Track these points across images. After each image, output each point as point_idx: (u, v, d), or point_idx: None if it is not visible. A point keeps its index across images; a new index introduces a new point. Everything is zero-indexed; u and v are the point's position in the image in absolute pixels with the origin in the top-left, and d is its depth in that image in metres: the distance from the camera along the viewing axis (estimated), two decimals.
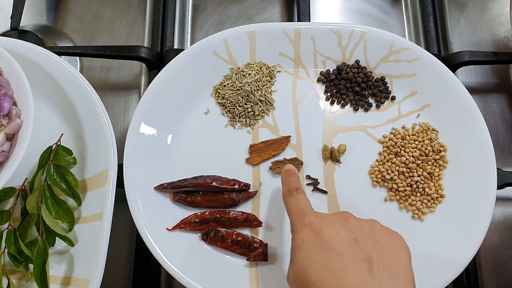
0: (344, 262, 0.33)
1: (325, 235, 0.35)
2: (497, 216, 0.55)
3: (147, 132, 0.50)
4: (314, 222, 0.36)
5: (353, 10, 0.65)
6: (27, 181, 0.49)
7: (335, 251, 0.34)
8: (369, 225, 0.37)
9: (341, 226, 0.36)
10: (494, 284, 0.52)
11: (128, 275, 0.52)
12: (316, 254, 0.34)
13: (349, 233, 0.35)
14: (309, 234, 0.36)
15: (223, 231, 0.47)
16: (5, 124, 0.46)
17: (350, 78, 0.54)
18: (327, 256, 0.33)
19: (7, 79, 0.48)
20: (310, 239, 0.35)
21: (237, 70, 0.54)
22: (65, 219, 0.47)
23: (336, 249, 0.34)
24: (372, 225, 0.37)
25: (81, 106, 0.50)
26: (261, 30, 0.53)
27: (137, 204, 0.47)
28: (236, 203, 0.49)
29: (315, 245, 0.35)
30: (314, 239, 0.35)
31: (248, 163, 0.51)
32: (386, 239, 0.36)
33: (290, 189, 0.42)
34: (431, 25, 0.62)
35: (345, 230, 0.35)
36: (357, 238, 0.35)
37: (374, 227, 0.37)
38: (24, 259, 0.45)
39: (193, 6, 0.65)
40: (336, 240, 0.34)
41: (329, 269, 0.33)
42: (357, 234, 0.35)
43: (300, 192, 0.42)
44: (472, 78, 0.61)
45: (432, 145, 0.51)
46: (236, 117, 0.53)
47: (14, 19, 0.58)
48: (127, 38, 0.62)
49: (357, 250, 0.34)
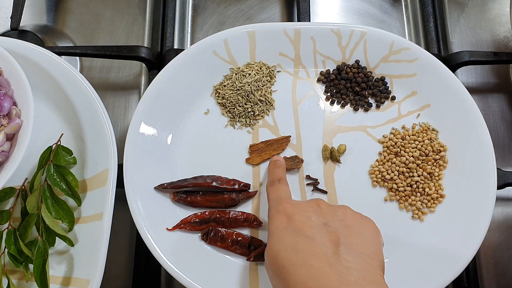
0: (312, 244, 0.35)
1: (296, 220, 0.37)
2: (497, 216, 0.55)
3: (147, 132, 0.50)
4: (287, 208, 0.39)
5: (353, 10, 0.65)
6: (27, 181, 0.49)
7: (305, 235, 0.35)
8: (341, 211, 0.38)
9: (313, 211, 0.38)
10: (494, 284, 0.52)
11: (128, 275, 0.52)
12: (287, 238, 0.36)
13: (319, 218, 0.37)
14: (282, 220, 0.38)
15: (223, 231, 0.47)
16: (5, 124, 0.46)
17: (350, 78, 0.54)
18: (296, 240, 0.35)
19: (7, 79, 0.48)
20: (282, 224, 0.37)
21: (237, 70, 0.54)
22: (65, 219, 0.47)
23: (305, 233, 0.36)
24: (344, 211, 0.38)
25: (81, 106, 0.50)
26: (261, 30, 0.53)
27: (137, 204, 0.47)
28: (236, 203, 0.49)
29: (286, 229, 0.37)
30: (286, 224, 0.37)
31: (248, 163, 0.51)
32: (356, 223, 0.37)
33: (274, 179, 0.45)
34: (431, 25, 0.62)
35: (316, 215, 0.37)
36: (327, 222, 0.37)
37: (346, 213, 0.38)
38: (24, 259, 0.45)
39: (193, 6, 0.65)
40: (307, 224, 0.36)
41: (297, 251, 0.34)
42: (327, 218, 0.37)
43: (282, 182, 0.44)
44: (472, 78, 0.61)
45: (432, 145, 0.51)
46: (236, 117, 0.53)
47: (14, 19, 0.58)
48: (127, 38, 0.63)
49: (326, 233, 0.36)
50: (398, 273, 0.46)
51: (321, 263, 0.33)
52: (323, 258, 0.34)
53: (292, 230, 0.36)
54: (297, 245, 0.35)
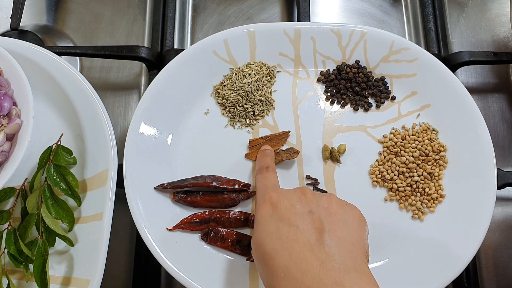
0: (296, 232, 0.35)
1: (281, 208, 0.38)
2: (497, 216, 0.55)
3: (147, 132, 0.50)
4: (273, 197, 0.39)
5: (353, 10, 0.65)
6: (27, 181, 0.49)
7: (289, 223, 0.36)
8: (326, 199, 0.39)
9: (298, 200, 0.38)
10: (494, 284, 0.52)
11: (128, 275, 0.52)
12: (272, 226, 0.36)
13: (304, 206, 0.38)
14: (267, 208, 0.38)
15: (223, 231, 0.47)
16: (5, 124, 0.46)
17: (350, 78, 0.54)
18: (281, 227, 0.36)
19: (7, 79, 0.48)
20: (268, 212, 0.38)
21: (237, 70, 0.54)
22: (65, 219, 0.47)
23: (290, 221, 0.36)
24: (329, 199, 0.39)
25: (81, 106, 0.50)
26: (261, 30, 0.53)
27: (137, 204, 0.47)
28: (236, 203, 0.49)
29: (271, 217, 0.37)
30: (271, 212, 0.38)
31: (248, 159, 0.51)
32: (340, 211, 0.38)
33: (262, 167, 0.46)
34: (431, 25, 0.62)
35: (301, 204, 0.38)
36: (312, 210, 0.37)
37: (330, 200, 0.38)
38: (24, 259, 0.45)
39: (193, 6, 0.65)
40: (291, 212, 0.37)
41: (281, 238, 0.35)
42: (312, 206, 0.37)
43: (270, 170, 0.45)
44: (472, 78, 0.61)
45: (432, 145, 0.51)
46: (236, 117, 0.53)
47: (14, 19, 0.58)
48: (127, 38, 0.63)
49: (310, 220, 0.36)
50: (398, 273, 0.46)
51: (303, 250, 0.34)
52: (305, 245, 0.34)
53: (276, 217, 0.37)
54: (280, 232, 0.36)
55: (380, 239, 0.48)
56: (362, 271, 0.33)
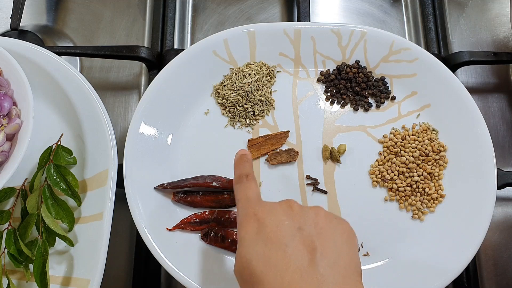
0: (286, 256, 0.33)
1: (268, 225, 0.35)
2: (497, 216, 0.55)
3: (147, 132, 0.50)
4: (258, 212, 0.36)
5: (353, 10, 0.65)
6: (27, 181, 0.49)
7: (278, 242, 0.33)
8: (314, 213, 0.36)
9: (285, 215, 0.36)
10: (494, 284, 0.52)
11: (128, 275, 0.52)
12: (259, 247, 0.34)
13: (292, 221, 0.35)
14: (252, 225, 0.35)
15: (223, 231, 0.47)
16: (5, 124, 0.46)
17: (350, 78, 0.54)
18: (269, 247, 0.33)
19: (7, 79, 0.48)
20: (253, 230, 0.35)
21: (237, 70, 0.54)
22: (65, 219, 0.47)
23: (278, 240, 0.34)
24: (317, 213, 0.36)
25: (81, 106, 0.50)
26: (261, 30, 0.53)
27: (137, 204, 0.47)
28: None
29: (258, 236, 0.34)
30: (258, 229, 0.35)
31: None
32: (330, 227, 0.35)
33: (241, 175, 0.41)
34: (431, 25, 0.62)
35: (289, 219, 0.35)
36: (301, 226, 0.35)
37: (319, 215, 0.36)
38: (24, 259, 0.45)
39: (193, 6, 0.65)
40: (280, 230, 0.34)
41: (270, 261, 0.33)
42: (301, 222, 0.35)
43: (250, 179, 0.41)
44: (472, 78, 0.61)
45: (432, 145, 0.51)
46: (236, 117, 0.53)
47: (14, 19, 0.58)
48: (127, 38, 0.62)
49: (300, 239, 0.34)
50: (398, 273, 0.46)
51: (296, 273, 0.32)
52: (297, 271, 0.32)
53: (263, 237, 0.34)
54: (269, 255, 0.33)
55: (380, 239, 0.48)
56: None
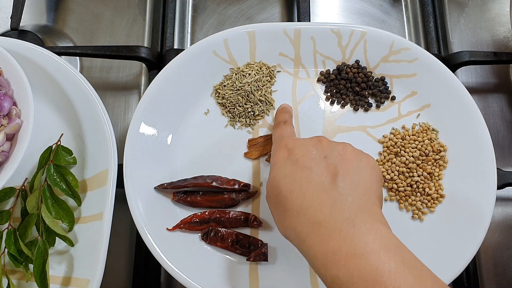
0: (311, 174, 0.36)
1: (296, 153, 0.39)
2: (497, 216, 0.55)
3: (147, 132, 0.50)
4: (289, 143, 0.40)
5: (353, 10, 0.65)
6: (27, 181, 0.49)
7: (304, 166, 0.37)
8: (341, 146, 0.39)
9: (313, 146, 0.39)
10: (494, 284, 0.52)
11: (128, 275, 0.52)
12: (287, 168, 0.38)
13: (319, 151, 0.38)
14: (283, 153, 0.39)
15: (223, 231, 0.47)
16: (5, 124, 0.46)
17: (350, 78, 0.54)
18: (296, 170, 0.37)
19: (7, 79, 0.48)
20: (284, 156, 0.39)
21: (237, 70, 0.54)
22: (65, 219, 0.47)
23: (305, 164, 0.37)
24: (344, 147, 0.39)
25: (81, 106, 0.50)
26: (261, 30, 0.53)
27: (137, 204, 0.47)
28: (236, 203, 0.49)
29: (287, 161, 0.38)
30: (287, 156, 0.39)
31: (247, 157, 0.51)
32: (355, 158, 0.38)
33: (279, 121, 0.48)
34: (431, 25, 0.62)
35: (316, 149, 0.39)
36: (327, 156, 0.38)
37: (345, 148, 0.39)
38: (24, 259, 0.45)
39: (193, 6, 0.65)
40: (306, 157, 0.38)
41: (296, 180, 0.36)
42: (327, 152, 0.38)
43: (287, 124, 0.47)
44: (472, 78, 0.61)
45: (432, 145, 0.51)
46: (236, 117, 0.53)
47: (14, 19, 0.58)
48: (127, 38, 0.62)
49: (324, 165, 0.37)
50: None
51: (316, 190, 0.35)
52: (319, 186, 0.35)
53: (291, 161, 0.38)
54: (295, 174, 0.37)
55: None
56: (374, 211, 0.34)
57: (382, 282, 0.29)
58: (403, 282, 0.29)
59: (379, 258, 0.30)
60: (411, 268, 0.30)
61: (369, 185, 0.36)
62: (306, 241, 0.34)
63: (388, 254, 0.30)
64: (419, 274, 0.30)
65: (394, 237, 0.33)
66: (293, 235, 0.35)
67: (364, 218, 0.33)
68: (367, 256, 0.30)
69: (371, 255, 0.30)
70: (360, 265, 0.30)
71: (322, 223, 0.33)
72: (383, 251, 0.31)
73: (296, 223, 0.35)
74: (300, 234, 0.34)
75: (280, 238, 0.48)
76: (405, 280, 0.29)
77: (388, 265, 0.30)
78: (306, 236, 0.34)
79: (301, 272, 0.47)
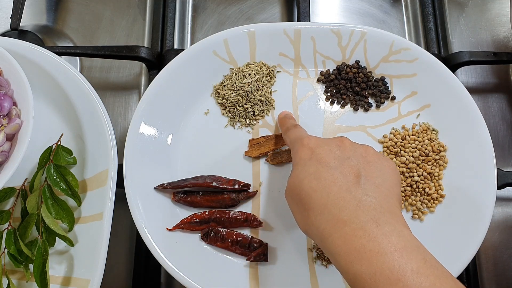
0: (335, 174, 0.37)
1: (320, 152, 0.39)
2: (497, 216, 0.55)
3: (147, 132, 0.50)
4: (311, 142, 0.41)
5: (353, 10, 0.65)
6: (27, 181, 0.49)
7: (328, 165, 0.38)
8: (363, 149, 0.40)
9: (336, 146, 0.40)
10: (494, 284, 0.52)
11: (128, 275, 0.52)
12: (311, 167, 0.38)
13: (342, 152, 0.39)
14: (306, 152, 0.40)
15: (223, 231, 0.47)
16: (5, 124, 0.46)
17: (350, 78, 0.54)
18: (319, 169, 0.37)
19: (7, 79, 0.48)
20: (307, 155, 0.39)
21: (237, 70, 0.54)
22: (65, 219, 0.47)
23: (328, 164, 0.38)
24: (366, 149, 0.40)
25: (81, 106, 0.50)
26: (261, 30, 0.53)
27: (137, 204, 0.47)
28: (236, 203, 0.49)
29: (311, 160, 0.39)
30: (311, 155, 0.39)
31: (247, 156, 0.51)
32: (377, 161, 0.39)
33: (288, 126, 0.47)
34: (431, 25, 0.62)
35: (339, 150, 0.39)
36: (350, 157, 0.39)
37: (368, 151, 0.40)
38: (24, 259, 0.45)
39: (193, 6, 0.65)
40: (330, 156, 0.38)
41: (320, 179, 0.37)
42: (349, 153, 0.39)
43: (297, 126, 0.47)
44: (472, 78, 0.61)
45: (432, 145, 0.51)
46: (236, 117, 0.53)
47: (14, 19, 0.58)
48: (127, 38, 0.62)
49: (347, 165, 0.38)
50: None
51: (341, 190, 0.36)
52: (343, 185, 0.36)
53: (315, 160, 0.38)
54: (319, 173, 0.37)
55: None
56: (396, 213, 0.35)
57: (404, 281, 0.30)
58: (425, 281, 0.30)
59: (402, 257, 0.31)
60: (432, 268, 0.31)
61: (391, 188, 0.37)
62: (329, 238, 0.34)
63: (411, 254, 0.32)
64: (440, 275, 0.31)
65: (415, 239, 0.34)
66: (316, 232, 0.36)
67: (387, 219, 0.34)
68: (391, 255, 0.31)
69: (394, 254, 0.31)
70: (383, 263, 0.31)
71: (347, 222, 0.34)
72: (406, 251, 0.32)
73: (319, 221, 0.36)
74: (324, 232, 0.35)
75: (280, 238, 0.48)
76: (427, 279, 0.30)
77: (410, 265, 0.31)
78: (329, 234, 0.35)
79: (301, 272, 0.47)
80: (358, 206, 0.35)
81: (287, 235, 0.49)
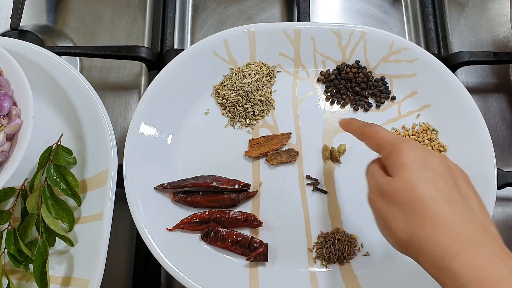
0: (452, 189, 0.35)
1: (433, 162, 0.37)
2: (497, 216, 0.55)
3: (147, 132, 0.50)
4: (419, 148, 0.38)
5: (353, 10, 0.65)
6: (27, 181, 0.49)
7: (443, 177, 0.36)
8: (460, 172, 0.38)
9: (442, 158, 0.38)
10: None
11: (128, 275, 0.52)
12: (426, 174, 0.36)
13: (448, 168, 0.37)
14: (417, 156, 0.37)
15: (223, 231, 0.47)
16: (5, 124, 0.46)
17: (350, 78, 0.54)
18: (436, 178, 0.35)
19: (7, 79, 0.48)
20: (419, 160, 0.37)
21: (237, 70, 0.54)
22: (65, 219, 0.47)
23: (443, 175, 0.36)
24: (461, 171, 0.39)
25: (81, 106, 0.50)
26: (261, 30, 0.53)
27: (137, 204, 0.47)
28: (236, 203, 0.49)
29: (425, 166, 0.36)
30: (423, 161, 0.37)
31: (247, 156, 0.51)
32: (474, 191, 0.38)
33: (360, 125, 0.43)
34: (431, 25, 0.62)
35: (446, 164, 0.38)
36: (456, 177, 0.37)
37: (463, 173, 0.39)
38: (24, 259, 0.45)
39: (193, 6, 0.65)
40: (443, 168, 0.37)
41: (439, 189, 0.35)
42: (456, 173, 0.37)
43: (375, 125, 0.43)
44: (472, 78, 0.61)
45: (432, 145, 0.51)
46: (236, 117, 0.53)
47: (14, 19, 0.58)
48: (127, 38, 0.62)
49: (459, 184, 0.36)
50: (399, 273, 0.46)
51: (465, 209, 0.34)
52: (465, 205, 0.35)
53: (430, 168, 0.36)
54: (436, 183, 0.35)
55: (381, 239, 0.48)
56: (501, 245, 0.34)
57: None
58: None
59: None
60: None
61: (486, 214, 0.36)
62: (457, 258, 0.32)
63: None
64: None
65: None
66: (434, 247, 0.34)
67: (503, 248, 0.33)
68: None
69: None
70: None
71: (480, 246, 0.32)
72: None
73: (441, 235, 0.33)
74: (448, 250, 0.33)
75: (280, 238, 0.48)
76: None
77: None
78: (456, 253, 0.32)
79: (301, 272, 0.47)
80: (486, 231, 0.33)
81: (287, 235, 0.49)
